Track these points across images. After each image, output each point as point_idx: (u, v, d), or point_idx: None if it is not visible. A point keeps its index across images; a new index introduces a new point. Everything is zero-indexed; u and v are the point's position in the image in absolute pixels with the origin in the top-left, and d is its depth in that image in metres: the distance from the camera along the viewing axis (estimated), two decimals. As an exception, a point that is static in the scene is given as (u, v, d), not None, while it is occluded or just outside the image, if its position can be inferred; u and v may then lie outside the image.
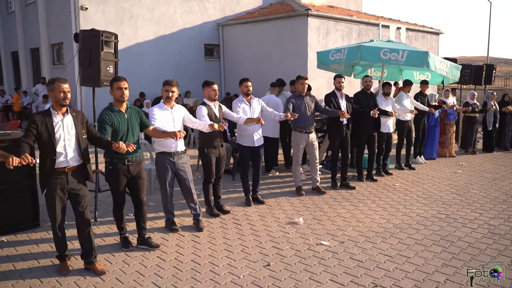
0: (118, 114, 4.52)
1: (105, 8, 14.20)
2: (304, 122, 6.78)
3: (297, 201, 6.62)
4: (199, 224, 5.43)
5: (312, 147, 6.96)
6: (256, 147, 6.34)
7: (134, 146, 4.20)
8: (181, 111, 5.38)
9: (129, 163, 4.56)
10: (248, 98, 6.28)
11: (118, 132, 4.48)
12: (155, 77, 14.94)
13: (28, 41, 18.84)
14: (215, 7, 16.99)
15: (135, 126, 4.66)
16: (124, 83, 4.55)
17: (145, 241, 4.85)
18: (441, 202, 6.60)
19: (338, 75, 7.40)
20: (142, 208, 4.80)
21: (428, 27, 18.81)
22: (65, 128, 4.05)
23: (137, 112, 4.74)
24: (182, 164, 5.30)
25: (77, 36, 6.08)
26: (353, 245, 4.90)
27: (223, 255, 4.63)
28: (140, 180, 4.72)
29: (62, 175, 4.04)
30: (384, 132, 8.24)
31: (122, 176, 4.56)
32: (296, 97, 6.86)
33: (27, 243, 4.99)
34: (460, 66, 9.45)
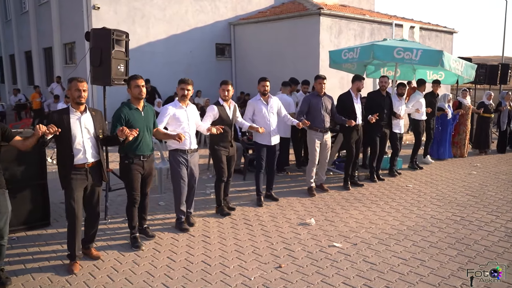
0: (135, 112, 4.65)
1: (117, 8, 14.23)
2: (320, 122, 6.77)
3: (309, 202, 6.54)
4: (189, 219, 5.52)
5: (325, 146, 6.96)
6: (272, 145, 6.34)
7: (137, 131, 4.33)
8: (195, 110, 5.43)
9: (144, 159, 4.70)
10: (265, 97, 6.31)
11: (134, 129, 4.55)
12: (167, 76, 14.96)
13: (41, 40, 19.00)
14: (226, 6, 16.94)
15: (151, 124, 4.80)
16: (141, 81, 4.67)
17: (143, 231, 5.04)
18: (455, 204, 6.47)
19: (360, 76, 7.40)
20: (145, 200, 4.96)
21: (442, 26, 18.56)
22: (83, 126, 4.15)
23: (153, 111, 4.88)
24: (194, 162, 5.36)
25: (88, 35, 6.05)
26: (366, 247, 4.80)
27: (234, 256, 4.57)
28: (150, 177, 4.90)
29: (82, 170, 4.16)
30: (395, 132, 8.17)
31: (137, 171, 4.67)
32: (314, 96, 6.87)
33: (37, 242, 4.98)
34: (475, 65, 9.28)
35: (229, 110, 5.83)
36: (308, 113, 6.78)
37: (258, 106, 6.27)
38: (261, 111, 6.24)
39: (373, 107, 7.60)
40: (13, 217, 5.07)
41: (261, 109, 6.25)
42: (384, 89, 7.76)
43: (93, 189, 4.30)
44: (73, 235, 4.20)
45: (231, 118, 5.83)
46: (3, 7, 24.13)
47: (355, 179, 7.58)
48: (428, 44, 16.13)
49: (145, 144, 4.70)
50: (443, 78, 9.92)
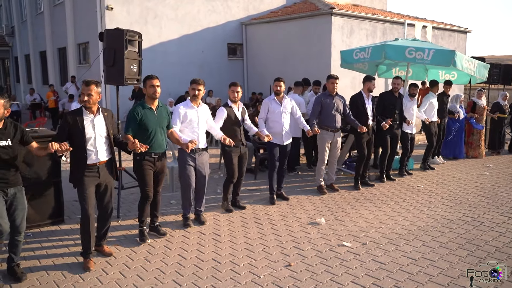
0: (148, 111, 4.74)
1: (130, 8, 14.38)
2: (330, 121, 6.82)
3: (319, 201, 6.56)
4: (200, 218, 5.60)
5: (335, 146, 7.00)
6: (285, 145, 6.42)
7: (147, 147, 4.40)
8: (207, 111, 5.51)
9: (155, 156, 4.80)
10: (279, 97, 6.38)
11: (147, 128, 4.70)
12: (179, 76, 15.08)
13: (56, 40, 19.27)
14: (238, 6, 17.00)
15: (164, 124, 4.89)
16: (156, 81, 4.76)
17: (155, 228, 5.13)
18: (467, 204, 6.44)
19: (370, 76, 7.41)
20: (157, 197, 5.04)
21: (455, 26, 18.39)
22: (96, 127, 4.22)
23: (167, 111, 4.97)
24: (202, 161, 5.41)
25: (101, 35, 6.16)
26: (375, 247, 4.82)
27: (244, 254, 4.62)
28: (162, 174, 4.99)
29: (94, 168, 4.24)
30: (407, 132, 8.13)
31: (149, 167, 4.78)
32: (326, 96, 6.91)
33: (51, 238, 5.08)
34: (488, 65, 9.17)
35: (237, 111, 5.92)
36: (320, 113, 6.85)
37: (271, 106, 6.35)
38: (274, 110, 6.32)
39: (386, 107, 7.61)
40: (28, 214, 5.22)
41: (275, 109, 6.33)
42: (397, 91, 7.72)
43: (105, 186, 4.38)
44: (86, 233, 4.27)
45: (240, 119, 5.93)
46: (19, 8, 24.52)
47: (366, 179, 7.58)
48: (441, 44, 16.01)
49: (157, 143, 4.78)
50: (455, 78, 9.85)
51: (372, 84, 7.26)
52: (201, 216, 5.63)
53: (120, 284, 3.99)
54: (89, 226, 4.24)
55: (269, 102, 6.39)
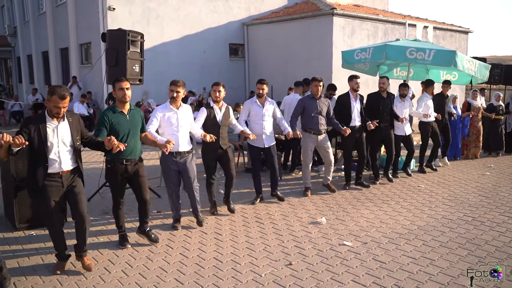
0: (119, 115, 4.50)
1: (131, 8, 14.44)
2: (313, 124, 6.65)
3: (320, 201, 6.59)
4: (198, 218, 5.44)
5: (323, 149, 6.85)
6: (268, 147, 6.31)
7: (125, 145, 4.18)
8: (188, 112, 5.32)
9: (127, 163, 4.56)
10: (261, 99, 6.25)
11: (118, 133, 4.43)
12: (181, 76, 14.80)
13: (58, 41, 19.34)
14: (240, 7, 17.05)
15: (137, 128, 4.65)
16: (126, 84, 4.49)
17: (146, 233, 4.92)
18: (467, 204, 6.46)
19: (354, 75, 7.16)
20: (145, 207, 4.80)
21: (456, 26, 18.41)
22: (60, 135, 3.94)
23: (140, 115, 4.73)
24: (185, 164, 5.23)
25: (104, 35, 6.21)
26: (376, 246, 4.84)
27: (245, 253, 4.65)
28: (140, 178, 4.70)
29: (57, 177, 3.98)
30: (398, 135, 7.84)
31: (120, 175, 4.58)
32: (309, 98, 6.74)
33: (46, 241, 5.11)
34: (489, 65, 9.21)
35: (219, 112, 5.68)
36: (303, 116, 6.72)
37: (253, 108, 6.23)
38: (256, 113, 6.20)
39: (373, 108, 7.42)
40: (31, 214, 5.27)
41: (256, 111, 6.21)
42: (384, 90, 7.51)
43: (73, 193, 4.08)
44: (54, 239, 4.14)
45: (219, 121, 5.67)
46: (22, 8, 24.60)
47: (361, 180, 7.47)
48: (442, 44, 16.03)
49: (128, 148, 4.44)
50: (456, 78, 9.87)
51: (354, 83, 7.06)
52: (199, 217, 5.46)
53: (122, 282, 4.02)
54: (55, 235, 4.10)
55: (250, 105, 6.25)
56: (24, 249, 4.77)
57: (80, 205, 4.10)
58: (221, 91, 5.61)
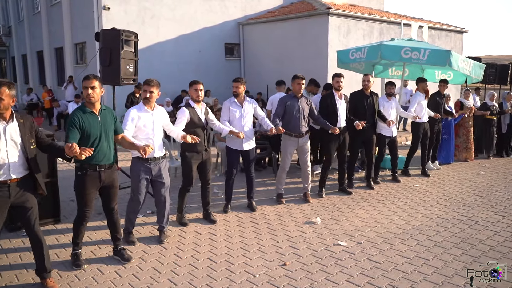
0: (90, 116, 4.07)
1: (127, 8, 14.39)
2: (294, 126, 6.24)
3: (315, 201, 6.57)
4: (162, 236, 5.00)
5: (303, 152, 6.46)
6: (246, 150, 5.98)
7: (91, 150, 3.72)
8: (163, 114, 4.97)
9: (100, 170, 4.13)
10: (239, 99, 5.91)
11: (89, 136, 4.02)
12: (177, 76, 15.11)
13: (53, 40, 19.26)
14: (236, 6, 17.02)
15: (110, 130, 4.22)
16: (92, 82, 4.02)
17: (118, 252, 4.49)
18: (462, 204, 6.47)
19: (336, 74, 6.72)
20: (113, 216, 4.45)
21: (451, 26, 18.45)
22: (8, 136, 3.57)
23: (113, 115, 4.33)
24: (160, 171, 4.85)
25: (98, 35, 6.17)
26: (370, 246, 4.84)
27: (239, 254, 4.63)
28: (112, 189, 4.34)
29: (3, 187, 3.57)
30: (385, 135, 7.53)
31: (92, 183, 4.13)
32: (291, 98, 6.35)
33: (48, 237, 5.07)
34: (484, 65, 9.22)
35: (200, 112, 5.41)
36: (284, 116, 6.29)
37: (232, 108, 5.87)
38: (234, 113, 5.86)
39: (358, 108, 7.06)
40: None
41: (235, 112, 5.86)
42: (368, 89, 7.11)
43: (21, 206, 3.70)
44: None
45: (203, 121, 5.42)
46: (16, 7, 24.50)
47: (344, 185, 7.11)
48: (438, 44, 16.06)
49: (102, 153, 4.11)
50: (451, 78, 9.89)
51: (335, 82, 6.63)
52: (162, 234, 5.02)
53: (115, 283, 4.00)
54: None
55: (229, 105, 5.88)
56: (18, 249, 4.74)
57: (33, 225, 3.76)
58: (201, 89, 5.34)
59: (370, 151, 7.33)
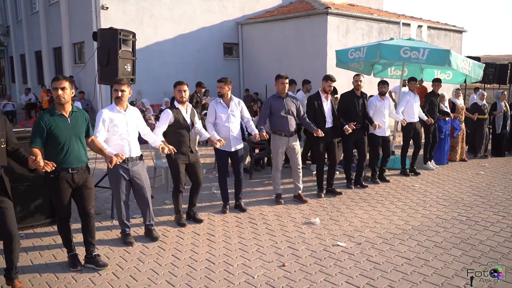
0: (59, 119, 3.91)
1: (125, 8, 14.36)
2: (283, 125, 6.19)
3: (314, 201, 6.54)
4: (152, 233, 4.99)
5: (293, 151, 6.36)
6: (234, 151, 5.91)
7: (53, 166, 3.60)
8: (136, 114, 4.85)
9: (73, 172, 4.01)
10: (225, 99, 5.81)
11: (58, 139, 3.87)
12: (175, 76, 14.99)
13: (51, 40, 19.23)
14: (234, 6, 17.00)
15: (81, 132, 4.08)
16: (62, 83, 3.84)
17: (92, 259, 4.28)
18: (462, 204, 6.44)
19: (328, 76, 6.68)
20: (90, 222, 4.26)
21: (451, 25, 18.45)
22: None
23: (85, 117, 4.15)
24: (137, 171, 4.77)
25: (95, 35, 6.13)
26: (370, 247, 4.81)
27: (238, 255, 4.60)
28: (87, 191, 4.17)
29: None
30: (378, 135, 7.50)
31: (65, 185, 4.01)
32: (275, 98, 6.26)
33: (45, 239, 5.05)
34: (483, 64, 9.17)
35: (186, 113, 5.33)
36: (271, 117, 6.23)
37: (218, 109, 5.78)
38: (221, 114, 5.77)
39: (349, 109, 7.00)
40: (21, 214, 5.20)
41: (222, 112, 5.78)
42: (359, 89, 7.06)
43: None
44: None
45: (188, 122, 5.34)
46: (14, 7, 24.45)
47: (333, 187, 6.98)
48: (437, 43, 16.05)
49: (73, 156, 3.98)
50: (451, 77, 9.86)
51: (327, 85, 6.59)
52: (153, 231, 5.01)
53: (113, 285, 3.96)
54: None
55: (215, 106, 5.78)
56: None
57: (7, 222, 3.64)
58: (186, 90, 5.26)
59: (363, 151, 7.29)
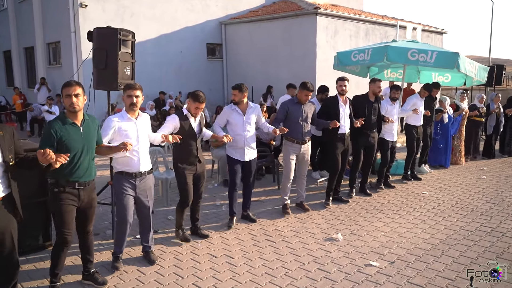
0: (71, 128, 3.56)
1: (105, 6, 13.61)
2: (296, 132, 5.87)
3: (328, 213, 6.15)
4: (150, 256, 4.50)
5: (302, 159, 6.08)
6: (247, 162, 5.54)
7: (67, 156, 3.18)
8: (147, 121, 4.41)
9: (80, 187, 3.63)
10: (241, 106, 5.42)
11: (69, 150, 3.47)
12: (157, 77, 14.47)
13: (22, 39, 18.17)
14: (217, 5, 16.46)
15: (93, 142, 3.74)
16: (75, 89, 3.52)
17: (91, 276, 4.01)
18: (479, 213, 6.19)
19: (341, 77, 6.41)
20: (88, 239, 3.95)
21: (431, 27, 18.49)
22: None
23: (96, 125, 3.84)
24: (144, 188, 4.32)
25: (91, 34, 5.53)
26: (405, 266, 4.44)
27: (266, 281, 4.13)
28: (90, 210, 3.83)
29: None
30: (387, 139, 7.26)
31: (70, 202, 3.61)
32: (293, 103, 5.97)
33: (38, 264, 4.45)
34: (488, 67, 8.98)
35: (193, 121, 4.88)
36: (285, 122, 5.91)
37: (233, 117, 5.41)
38: (236, 122, 5.39)
39: (359, 112, 6.65)
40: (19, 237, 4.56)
41: (237, 120, 5.39)
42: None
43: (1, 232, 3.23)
44: None
45: (195, 130, 4.89)
46: (-21, 4, 23.09)
47: (339, 194, 6.73)
48: (422, 45, 15.98)
49: (82, 168, 3.63)
50: (449, 80, 9.71)
51: (340, 86, 6.30)
52: (151, 254, 4.53)
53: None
54: None
55: (230, 112, 5.42)
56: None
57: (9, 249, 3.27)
58: (201, 108, 4.83)
59: (370, 157, 6.99)
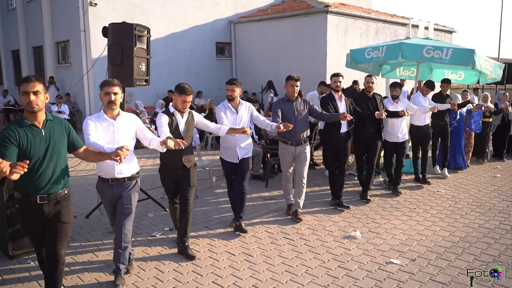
0: (30, 131, 3.05)
1: (115, 4, 13.61)
2: (290, 133, 5.38)
3: (345, 212, 6.08)
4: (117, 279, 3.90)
5: (299, 161, 5.68)
6: (240, 161, 5.22)
7: (26, 164, 2.55)
8: (130, 121, 3.87)
9: (42, 202, 3.11)
10: (233, 103, 5.16)
11: (29, 157, 2.97)
12: (166, 75, 14.43)
13: (30, 39, 18.19)
14: (227, 4, 16.44)
15: (60, 147, 3.18)
16: (34, 85, 3.00)
17: None
18: (497, 211, 6.10)
19: (335, 73, 6.15)
20: (57, 267, 3.23)
21: (441, 25, 18.37)
22: None
23: (64, 126, 3.26)
24: (125, 194, 3.84)
25: (105, 30, 5.52)
26: (426, 263, 4.37)
27: (287, 279, 4.07)
28: (59, 225, 3.19)
29: None
30: (391, 141, 6.96)
31: (32, 219, 3.17)
32: (284, 101, 5.62)
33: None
34: (503, 65, 8.80)
35: (181, 119, 4.45)
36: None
37: (226, 115, 5.12)
38: (228, 121, 5.08)
39: (363, 110, 6.40)
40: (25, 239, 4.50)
41: (229, 119, 5.12)
42: (370, 91, 6.44)
43: None
44: None
45: (181, 130, 4.44)
46: (-13, 4, 23.20)
47: (341, 199, 6.29)
48: (432, 43, 15.88)
49: (45, 178, 3.10)
50: (462, 78, 9.59)
51: (334, 82, 6.05)
52: (124, 269, 3.99)
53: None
54: None
55: (223, 111, 5.12)
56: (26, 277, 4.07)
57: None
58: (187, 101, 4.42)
59: (372, 158, 6.68)
